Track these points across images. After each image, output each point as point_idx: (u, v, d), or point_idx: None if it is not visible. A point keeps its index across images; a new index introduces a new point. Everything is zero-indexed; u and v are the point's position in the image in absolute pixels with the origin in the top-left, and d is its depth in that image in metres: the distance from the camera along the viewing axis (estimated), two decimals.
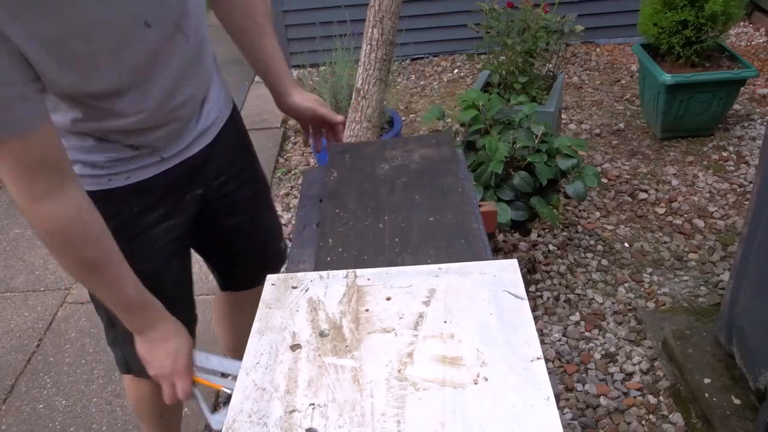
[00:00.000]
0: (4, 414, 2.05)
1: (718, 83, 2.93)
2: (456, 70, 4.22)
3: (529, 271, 2.39)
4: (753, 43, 4.12)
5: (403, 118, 3.57)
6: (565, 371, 2.02)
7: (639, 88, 3.32)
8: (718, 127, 3.19)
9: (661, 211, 2.69)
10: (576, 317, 2.21)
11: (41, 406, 2.07)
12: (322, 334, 0.85)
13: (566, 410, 1.90)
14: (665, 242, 2.52)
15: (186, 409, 1.99)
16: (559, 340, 2.13)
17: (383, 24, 2.36)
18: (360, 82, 2.43)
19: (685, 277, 2.34)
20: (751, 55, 3.94)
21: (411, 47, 4.24)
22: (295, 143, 3.57)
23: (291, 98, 1.36)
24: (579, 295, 2.31)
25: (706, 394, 1.74)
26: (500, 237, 2.48)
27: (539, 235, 2.58)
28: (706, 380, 1.78)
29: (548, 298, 2.30)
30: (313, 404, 0.75)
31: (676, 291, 2.28)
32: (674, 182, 2.85)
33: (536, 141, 2.08)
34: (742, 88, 3.19)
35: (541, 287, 2.34)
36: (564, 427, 1.83)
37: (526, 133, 2.11)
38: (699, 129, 3.13)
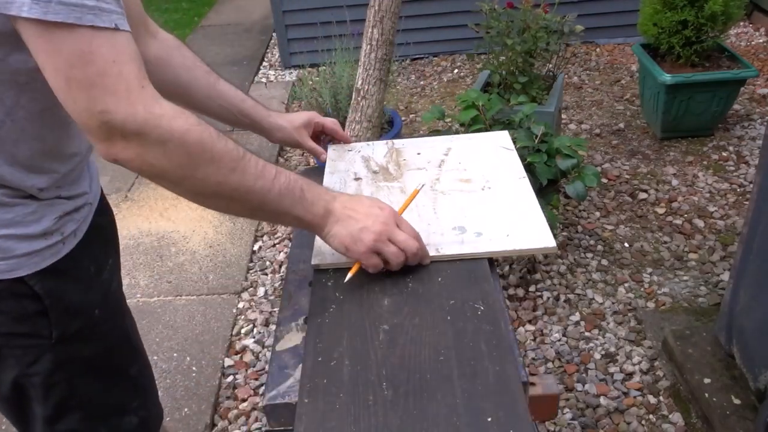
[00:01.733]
0: None
1: (718, 83, 2.93)
2: (456, 70, 4.22)
3: (529, 271, 2.39)
4: (753, 43, 4.12)
5: (403, 118, 3.57)
6: (565, 371, 2.02)
7: (639, 88, 3.32)
8: (718, 127, 3.19)
9: (661, 211, 2.69)
10: (576, 317, 2.21)
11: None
12: (374, 172, 1.22)
13: (566, 410, 1.90)
14: (665, 242, 2.52)
15: (186, 409, 2.00)
16: (559, 340, 2.13)
17: (383, 24, 2.36)
18: (360, 82, 2.43)
19: (685, 277, 2.34)
20: (751, 55, 3.94)
21: (411, 47, 4.24)
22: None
23: (274, 134, 1.26)
24: (579, 295, 2.31)
25: (706, 394, 1.74)
26: None
27: None
28: (706, 380, 1.78)
29: (548, 298, 2.30)
30: None
31: (676, 291, 2.28)
32: (674, 182, 2.85)
33: (536, 141, 2.08)
34: (742, 88, 3.19)
35: (541, 287, 2.34)
36: (564, 427, 1.84)
37: (526, 133, 2.10)
38: (699, 129, 3.13)
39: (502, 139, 1.30)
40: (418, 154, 1.27)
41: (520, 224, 1.03)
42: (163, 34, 1.16)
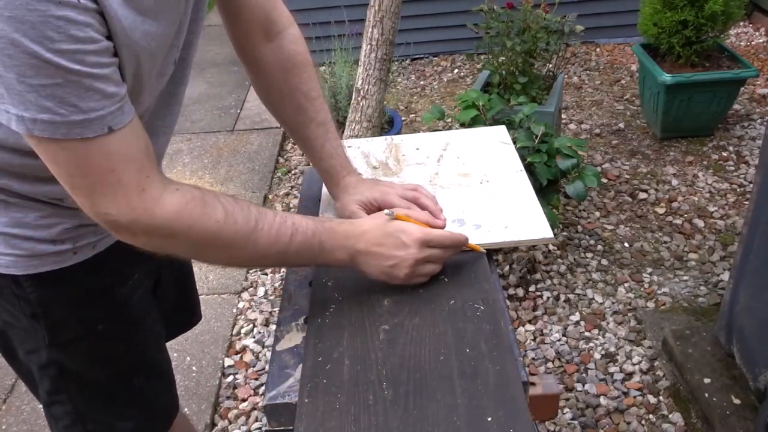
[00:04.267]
0: (4, 414, 2.05)
1: (718, 83, 2.93)
2: (456, 70, 4.22)
3: (529, 271, 2.39)
4: (753, 43, 4.12)
5: (403, 118, 3.57)
6: (565, 371, 2.02)
7: (639, 88, 3.32)
8: (718, 127, 3.19)
9: (661, 211, 2.69)
10: (576, 317, 2.21)
11: (41, 406, 2.06)
12: (374, 168, 1.23)
13: (566, 410, 1.90)
14: (665, 242, 2.52)
15: (185, 410, 1.99)
16: (559, 340, 2.13)
17: (383, 24, 2.36)
18: (360, 82, 2.44)
19: (685, 277, 2.34)
20: (751, 55, 3.94)
21: (411, 47, 4.24)
22: (295, 143, 3.57)
23: (337, 203, 1.10)
24: (579, 295, 2.31)
25: (706, 394, 1.74)
26: None
27: None
28: (706, 380, 1.78)
29: (548, 298, 2.30)
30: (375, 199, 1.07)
31: (676, 291, 2.28)
32: (674, 182, 2.85)
33: (536, 141, 2.08)
34: (742, 88, 3.19)
35: (541, 287, 2.34)
36: (564, 427, 1.84)
37: (526, 133, 2.10)
38: (699, 129, 3.13)
39: (499, 133, 1.32)
40: (417, 149, 1.28)
41: (518, 216, 1.05)
42: (291, 34, 1.09)
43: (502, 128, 1.34)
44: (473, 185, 1.15)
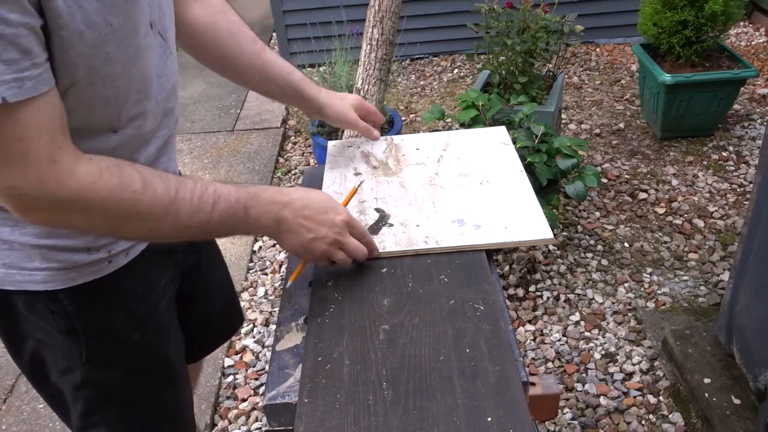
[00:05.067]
0: (4, 414, 2.05)
1: (718, 83, 2.93)
2: (456, 70, 4.22)
3: (529, 271, 2.39)
4: (753, 43, 4.12)
5: (403, 118, 3.57)
6: (565, 371, 2.02)
7: (639, 88, 3.32)
8: (718, 127, 3.19)
9: (661, 211, 2.69)
10: (576, 317, 2.21)
11: (41, 405, 2.06)
12: (374, 167, 1.23)
13: (566, 410, 1.90)
14: (665, 242, 2.52)
15: None
16: (559, 340, 2.13)
17: (383, 24, 2.36)
18: (360, 82, 2.44)
19: (685, 277, 2.34)
20: (751, 55, 3.94)
21: (411, 47, 4.24)
22: (295, 143, 3.57)
23: (324, 111, 1.20)
24: (579, 295, 2.31)
25: (706, 394, 1.74)
26: None
27: None
28: (706, 380, 1.78)
29: (548, 298, 2.30)
30: (376, 198, 1.14)
31: (676, 291, 2.28)
32: (674, 182, 2.85)
33: (536, 141, 2.08)
34: (742, 88, 3.19)
35: (541, 287, 2.34)
36: (564, 427, 1.84)
37: (526, 133, 2.10)
38: (699, 129, 3.13)
39: (499, 134, 1.32)
40: (417, 149, 1.29)
41: (518, 217, 1.05)
42: None
43: (502, 129, 1.35)
44: (473, 185, 1.15)
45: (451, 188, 1.15)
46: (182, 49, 1.10)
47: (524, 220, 1.04)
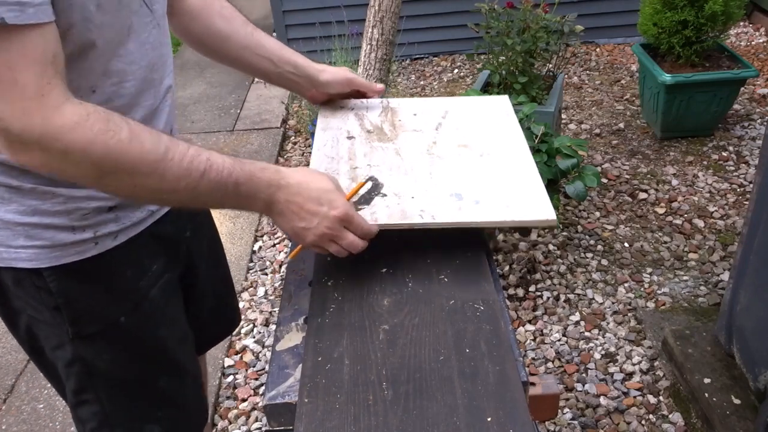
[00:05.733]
0: (4, 414, 2.05)
1: (718, 83, 2.93)
2: (456, 70, 4.22)
3: (529, 271, 2.39)
4: (753, 43, 4.12)
5: None
6: (565, 371, 2.02)
7: (639, 88, 3.32)
8: (718, 127, 3.19)
9: (661, 211, 2.69)
10: (576, 317, 2.21)
11: (41, 405, 2.07)
12: (368, 131, 1.16)
13: (566, 410, 1.90)
14: (665, 242, 2.52)
15: None
16: (559, 340, 2.13)
17: (383, 24, 2.36)
18: None
19: (685, 277, 2.34)
20: (751, 55, 3.94)
21: (411, 47, 4.24)
22: (295, 143, 3.57)
23: (321, 76, 1.18)
24: (579, 295, 2.31)
25: (706, 394, 1.74)
26: (500, 237, 2.48)
27: (539, 235, 2.58)
28: (706, 380, 1.78)
29: (548, 298, 2.30)
30: (369, 165, 1.07)
31: (676, 291, 2.28)
32: (674, 182, 2.85)
33: (536, 141, 2.09)
34: (742, 88, 3.19)
35: (541, 287, 2.34)
36: (564, 427, 1.84)
37: (526, 133, 2.10)
38: (699, 129, 3.13)
39: (502, 104, 1.25)
40: (415, 115, 1.21)
41: (519, 194, 0.99)
42: None
43: (505, 99, 1.27)
44: (473, 158, 1.08)
45: (450, 159, 1.08)
46: (178, 35, 1.12)
47: (526, 199, 0.98)
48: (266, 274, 2.59)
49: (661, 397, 1.91)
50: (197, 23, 1.10)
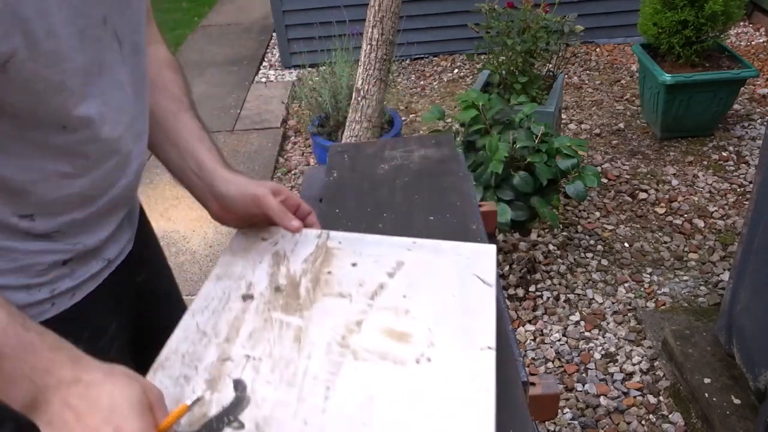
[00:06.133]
0: None
1: (718, 83, 2.93)
2: (456, 70, 4.22)
3: (529, 271, 2.39)
4: (753, 43, 4.12)
5: (403, 118, 3.57)
6: (565, 371, 2.02)
7: (639, 88, 3.32)
8: (718, 127, 3.19)
9: (661, 211, 2.69)
10: (576, 317, 2.21)
11: None
12: (277, 289, 0.82)
13: (566, 410, 1.90)
14: (665, 242, 2.52)
15: None
16: (559, 340, 2.13)
17: (383, 24, 2.36)
18: (360, 82, 2.44)
19: (685, 277, 2.34)
20: (751, 55, 3.94)
21: (411, 47, 4.24)
22: (295, 143, 3.57)
23: (220, 186, 0.87)
24: (579, 295, 2.31)
25: (706, 394, 1.74)
26: (500, 237, 2.48)
27: (539, 235, 2.58)
28: (706, 380, 1.78)
29: (548, 298, 2.30)
30: (248, 356, 0.73)
31: (676, 291, 2.28)
32: (674, 182, 2.85)
33: (536, 141, 2.09)
34: (742, 88, 3.19)
35: (541, 287, 2.34)
36: (564, 427, 1.84)
37: (526, 133, 2.11)
38: (699, 129, 3.13)
39: (482, 259, 0.86)
40: (354, 265, 0.86)
41: None
42: (157, 48, 0.96)
43: (491, 250, 0.88)
44: (404, 362, 0.71)
45: (369, 363, 0.71)
46: None
47: None
48: None
49: (661, 397, 1.91)
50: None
